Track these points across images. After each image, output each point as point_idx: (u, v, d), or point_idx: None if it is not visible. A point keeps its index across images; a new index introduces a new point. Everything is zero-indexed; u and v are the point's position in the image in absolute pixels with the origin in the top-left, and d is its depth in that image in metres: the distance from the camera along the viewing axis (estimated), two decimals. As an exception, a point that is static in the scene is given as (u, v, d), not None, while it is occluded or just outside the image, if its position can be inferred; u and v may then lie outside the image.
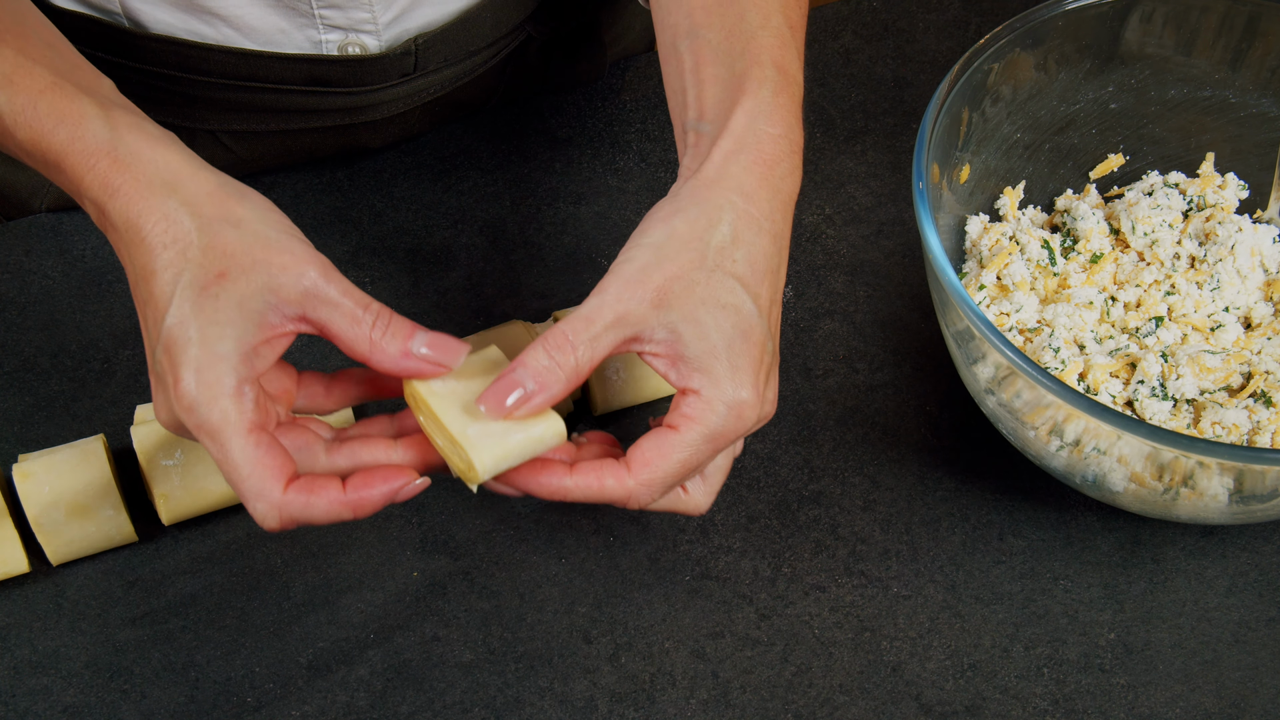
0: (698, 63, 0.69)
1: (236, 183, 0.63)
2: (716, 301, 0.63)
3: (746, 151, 0.66)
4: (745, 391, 0.63)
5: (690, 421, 0.63)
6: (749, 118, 0.66)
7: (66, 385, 0.85)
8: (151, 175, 0.62)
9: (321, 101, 0.89)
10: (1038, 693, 0.75)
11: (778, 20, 0.70)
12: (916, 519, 0.81)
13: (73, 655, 0.76)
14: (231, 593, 0.78)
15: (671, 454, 0.63)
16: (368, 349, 0.62)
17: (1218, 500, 0.72)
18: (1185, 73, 0.85)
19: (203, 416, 0.59)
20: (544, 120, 0.98)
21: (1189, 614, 0.78)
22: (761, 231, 0.65)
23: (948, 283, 0.71)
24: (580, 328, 0.62)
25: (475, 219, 0.93)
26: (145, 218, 0.61)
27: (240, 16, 0.84)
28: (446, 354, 0.62)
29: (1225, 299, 0.82)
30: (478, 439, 0.62)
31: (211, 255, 0.60)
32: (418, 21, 0.87)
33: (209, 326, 0.59)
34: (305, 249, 0.62)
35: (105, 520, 0.77)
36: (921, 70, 1.01)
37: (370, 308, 0.62)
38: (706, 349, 0.63)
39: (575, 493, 0.63)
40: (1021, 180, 0.87)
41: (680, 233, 0.64)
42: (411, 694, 0.75)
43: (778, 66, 0.68)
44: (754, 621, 0.77)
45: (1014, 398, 0.73)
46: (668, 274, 0.63)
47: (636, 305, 0.62)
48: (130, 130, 0.63)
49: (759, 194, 0.65)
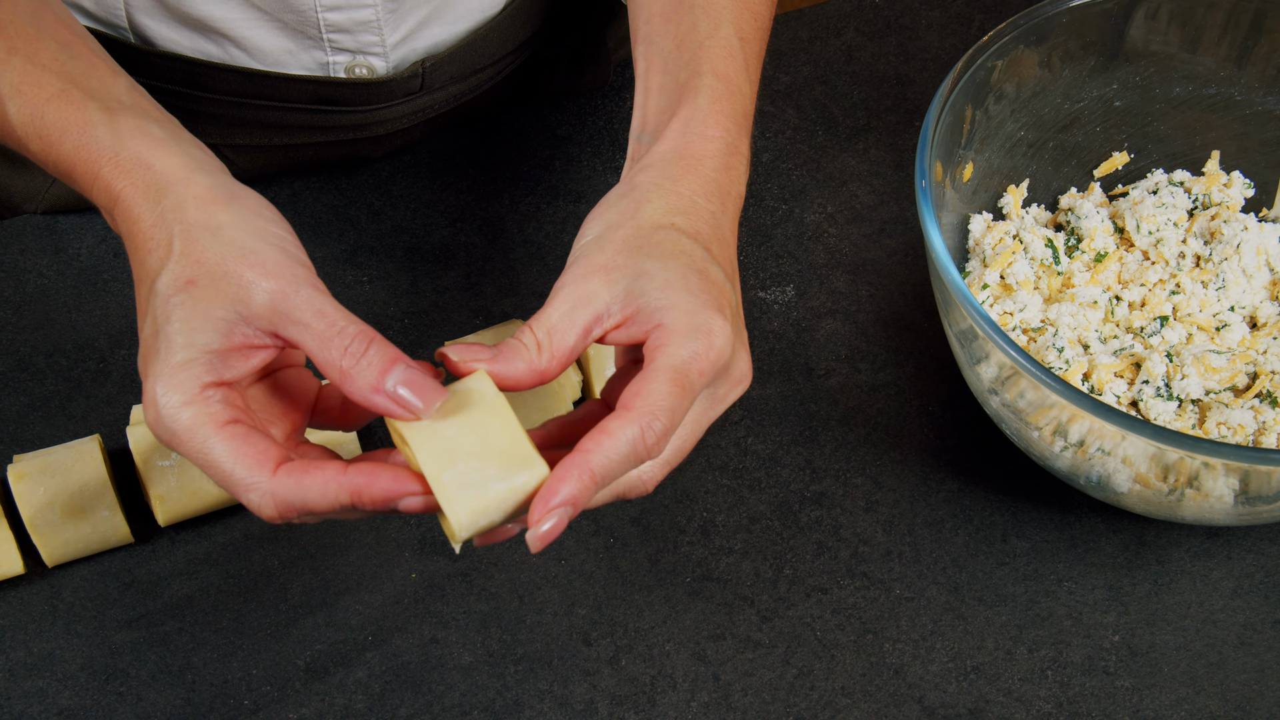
0: (648, 69, 0.69)
1: (231, 185, 0.62)
2: (662, 250, 0.61)
3: (674, 150, 0.65)
4: (711, 315, 0.59)
5: (660, 349, 0.59)
6: (683, 124, 0.66)
7: (62, 385, 0.85)
8: (149, 181, 0.61)
9: (326, 119, 0.89)
10: (1041, 695, 0.75)
11: (727, 31, 0.69)
12: (919, 520, 0.81)
13: (68, 657, 0.76)
14: (228, 594, 0.78)
15: (658, 376, 0.58)
16: (337, 378, 0.57)
17: (1223, 501, 0.72)
18: (1190, 70, 0.85)
19: (170, 426, 0.57)
20: (543, 118, 0.98)
21: (1194, 616, 0.78)
22: (696, 207, 0.64)
23: (951, 282, 0.71)
24: (538, 320, 0.60)
25: (474, 217, 0.93)
26: (139, 224, 0.61)
27: (248, 38, 0.84)
28: (423, 396, 0.57)
29: (1231, 298, 0.82)
30: (454, 488, 0.56)
31: (185, 262, 0.59)
32: (426, 42, 0.88)
33: (174, 335, 0.58)
34: (281, 261, 0.59)
35: (101, 521, 0.77)
36: (924, 67, 1.01)
37: (345, 331, 0.57)
38: (659, 285, 0.60)
39: (598, 462, 0.56)
40: (1025, 178, 0.87)
41: (613, 221, 0.63)
42: (410, 696, 0.75)
43: (718, 75, 0.67)
44: (755, 623, 0.77)
45: (1018, 398, 0.73)
46: (610, 251, 0.61)
47: (588, 286, 0.60)
48: (133, 135, 0.62)
49: (686, 179, 0.64)
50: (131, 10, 0.83)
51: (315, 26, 0.84)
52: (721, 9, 0.70)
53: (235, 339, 0.58)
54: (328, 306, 0.58)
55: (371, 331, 0.58)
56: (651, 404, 0.57)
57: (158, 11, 0.83)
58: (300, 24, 0.84)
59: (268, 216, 0.61)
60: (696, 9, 0.70)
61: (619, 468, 0.57)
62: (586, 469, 0.56)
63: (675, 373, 0.58)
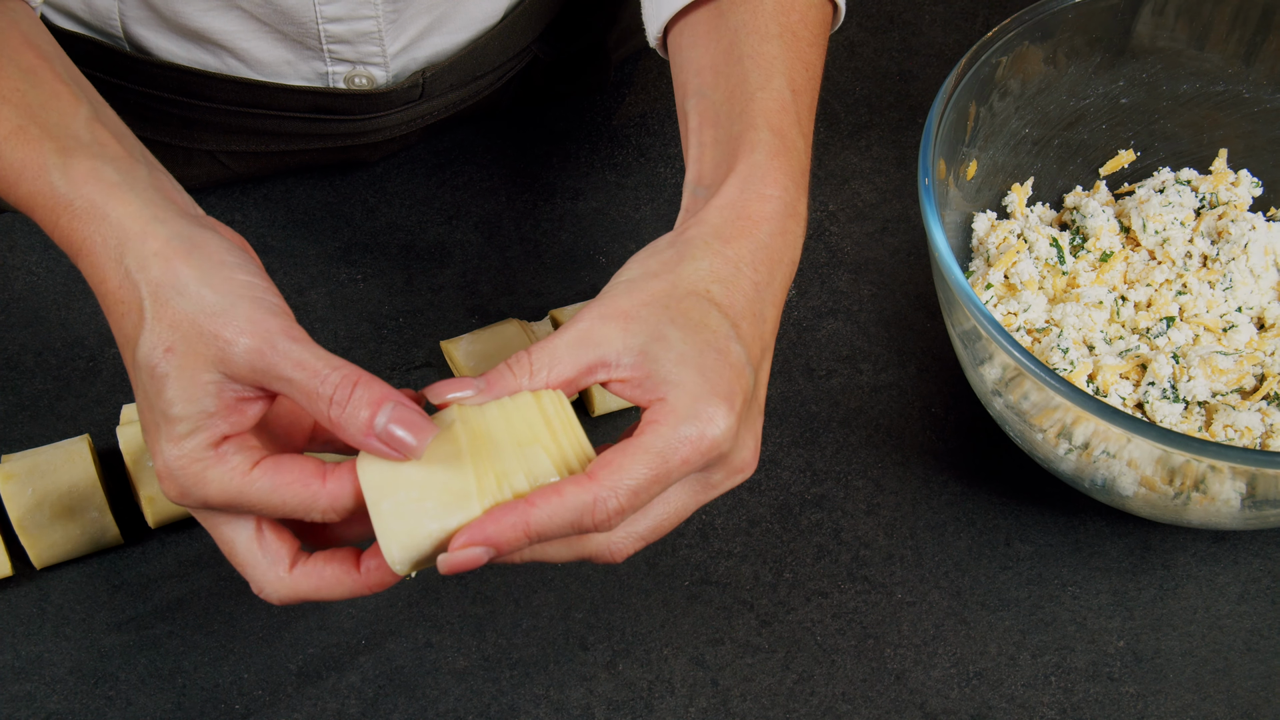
0: (700, 124, 0.68)
1: (190, 234, 0.60)
2: (687, 319, 0.60)
3: (732, 208, 0.64)
4: (716, 405, 0.58)
5: (653, 425, 0.58)
6: (742, 181, 0.65)
7: (51, 384, 0.85)
8: (106, 234, 0.60)
9: (324, 128, 0.89)
10: (1045, 702, 0.75)
11: (779, 83, 0.68)
12: (921, 523, 0.81)
13: (56, 661, 0.76)
14: (219, 597, 0.77)
15: (638, 456, 0.57)
16: (329, 427, 0.58)
17: (1230, 505, 0.72)
18: (1198, 67, 0.85)
19: (200, 493, 0.58)
20: (541, 115, 0.98)
21: (1200, 621, 0.78)
22: (739, 275, 0.62)
23: (954, 281, 0.71)
24: (540, 347, 0.60)
25: (470, 215, 0.93)
26: (106, 283, 0.60)
27: (247, 49, 0.84)
28: (415, 433, 0.57)
29: (1238, 299, 0.82)
30: (390, 518, 0.56)
31: (159, 328, 0.58)
32: (426, 52, 0.88)
33: (170, 409, 0.58)
34: (253, 315, 0.58)
35: (90, 522, 0.77)
36: (927, 63, 1.01)
37: (327, 380, 0.57)
38: (674, 358, 0.59)
39: (538, 518, 0.57)
40: (1030, 177, 0.86)
41: (653, 268, 0.62)
42: (404, 702, 0.75)
43: (773, 130, 0.66)
44: (755, 628, 0.77)
45: (1021, 399, 0.73)
46: (636, 300, 0.60)
47: (600, 326, 0.60)
48: (87, 180, 0.61)
49: (738, 243, 0.63)
50: (127, 21, 0.83)
51: (316, 38, 0.84)
52: (772, 59, 0.69)
53: (227, 397, 0.58)
54: (306, 356, 0.57)
55: (355, 373, 0.57)
56: (615, 480, 0.57)
57: (154, 22, 0.83)
58: (300, 35, 0.84)
59: (232, 263, 0.59)
60: (745, 60, 0.69)
61: (557, 530, 0.57)
62: (523, 521, 0.56)
63: (656, 456, 0.57)
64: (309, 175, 0.94)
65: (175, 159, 0.90)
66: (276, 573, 0.61)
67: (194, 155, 0.91)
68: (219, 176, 0.92)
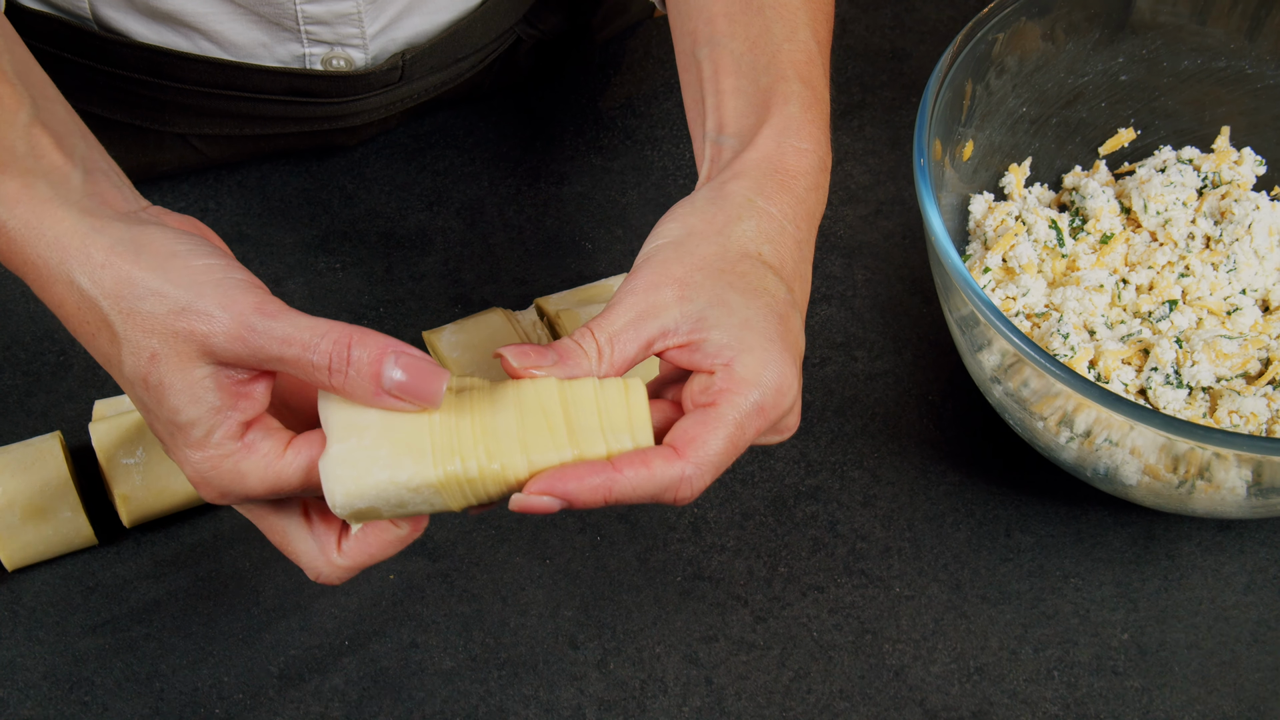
0: (717, 72, 0.69)
1: (129, 234, 0.59)
2: (746, 283, 0.61)
3: (769, 161, 0.65)
4: (785, 372, 0.60)
5: (727, 394, 0.59)
6: (777, 133, 0.66)
7: (20, 379, 0.84)
8: (48, 256, 0.59)
9: (301, 111, 0.89)
10: (1048, 697, 0.75)
11: (805, 34, 0.69)
12: (919, 515, 0.81)
13: (29, 666, 0.75)
14: (197, 598, 0.77)
15: (718, 430, 0.58)
16: (339, 394, 0.57)
17: (1235, 493, 0.72)
18: (1200, 42, 0.85)
19: (238, 489, 0.58)
20: (524, 98, 0.97)
21: (1206, 613, 0.78)
22: (784, 234, 0.64)
23: (951, 265, 0.71)
24: (600, 324, 0.60)
25: (452, 201, 0.93)
26: (64, 306, 0.59)
27: (220, 32, 0.84)
28: (427, 381, 0.56)
29: (1242, 281, 0.82)
30: (338, 462, 0.56)
31: (135, 340, 0.57)
32: (406, 33, 0.87)
33: (179, 415, 0.57)
34: (221, 299, 0.57)
35: (63, 522, 0.76)
36: (922, 41, 1.01)
37: (319, 350, 0.56)
38: (738, 323, 0.60)
39: (623, 486, 0.57)
40: (1028, 157, 0.86)
41: (698, 229, 0.63)
42: (389, 704, 0.74)
43: (805, 82, 0.68)
44: (749, 624, 0.77)
45: (1021, 387, 0.73)
46: (689, 265, 0.61)
47: (659, 298, 0.60)
48: (20, 201, 0.60)
49: (779, 198, 0.64)
50: (95, 2, 0.83)
51: (292, 18, 0.83)
52: (795, 10, 0.70)
53: (227, 385, 0.58)
54: (289, 330, 0.56)
55: (346, 333, 0.56)
56: (701, 457, 0.58)
57: (122, 4, 0.82)
58: (277, 16, 0.83)
59: (183, 250, 0.58)
60: (766, 9, 0.70)
61: (637, 499, 0.58)
62: (607, 486, 0.57)
63: (733, 427, 0.59)
64: (285, 161, 0.94)
65: (146, 143, 0.90)
66: (329, 556, 0.61)
67: (165, 139, 0.90)
68: (191, 162, 0.92)
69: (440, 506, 0.58)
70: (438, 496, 0.57)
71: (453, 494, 0.57)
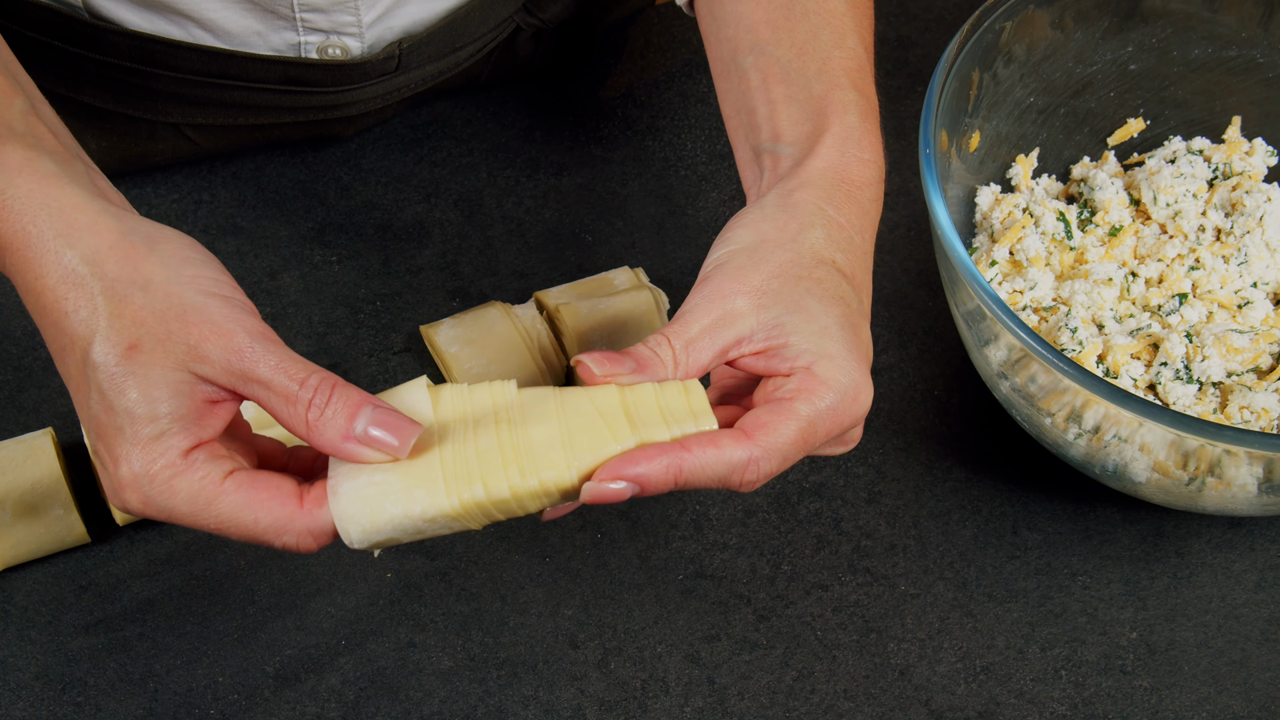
0: (766, 80, 0.69)
1: (145, 226, 0.59)
2: (824, 290, 0.62)
3: (835, 171, 0.66)
4: (862, 381, 0.61)
5: (805, 393, 0.60)
6: (840, 143, 0.67)
7: (11, 375, 0.84)
8: (44, 225, 0.58)
9: (296, 100, 0.89)
10: (1055, 696, 0.75)
11: (853, 41, 0.70)
12: (925, 512, 0.81)
13: (21, 666, 0.75)
14: (192, 597, 0.77)
15: (790, 421, 0.60)
16: (304, 432, 0.57)
17: (1246, 490, 0.72)
18: (1211, 30, 0.84)
19: (165, 504, 0.57)
20: (522, 86, 0.97)
21: (1215, 611, 0.78)
22: (853, 244, 0.65)
23: (957, 259, 0.71)
24: (676, 330, 0.61)
25: (450, 192, 0.92)
26: (43, 279, 0.58)
27: (214, 20, 0.83)
28: (397, 433, 0.57)
29: (1253, 274, 0.82)
30: (349, 500, 0.57)
31: (120, 325, 0.57)
32: (403, 21, 0.87)
33: (134, 409, 0.56)
34: (226, 314, 0.57)
35: (55, 520, 0.76)
36: (928, 28, 1.01)
37: (306, 384, 0.57)
38: (817, 330, 0.61)
39: (691, 466, 0.58)
40: (1035, 147, 0.86)
41: (770, 236, 0.64)
42: (386, 704, 0.74)
43: (859, 90, 0.69)
44: (752, 623, 0.77)
45: (1028, 382, 0.73)
46: (765, 273, 0.62)
47: (734, 305, 0.61)
48: (21, 171, 0.59)
49: (846, 208, 0.66)
50: None
51: (288, 6, 0.83)
52: (840, 16, 0.71)
53: (197, 399, 0.57)
54: (284, 359, 0.57)
55: (333, 377, 0.58)
56: (770, 443, 0.59)
57: None
58: (271, 3, 0.83)
59: (196, 260, 0.59)
60: (811, 16, 0.70)
61: (705, 480, 0.59)
62: (677, 465, 0.58)
63: (806, 423, 0.60)
64: (280, 151, 0.94)
65: (139, 133, 0.90)
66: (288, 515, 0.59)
67: (158, 129, 0.90)
68: (185, 152, 0.92)
69: (460, 528, 0.59)
70: (456, 522, 0.58)
71: (474, 518, 0.58)
